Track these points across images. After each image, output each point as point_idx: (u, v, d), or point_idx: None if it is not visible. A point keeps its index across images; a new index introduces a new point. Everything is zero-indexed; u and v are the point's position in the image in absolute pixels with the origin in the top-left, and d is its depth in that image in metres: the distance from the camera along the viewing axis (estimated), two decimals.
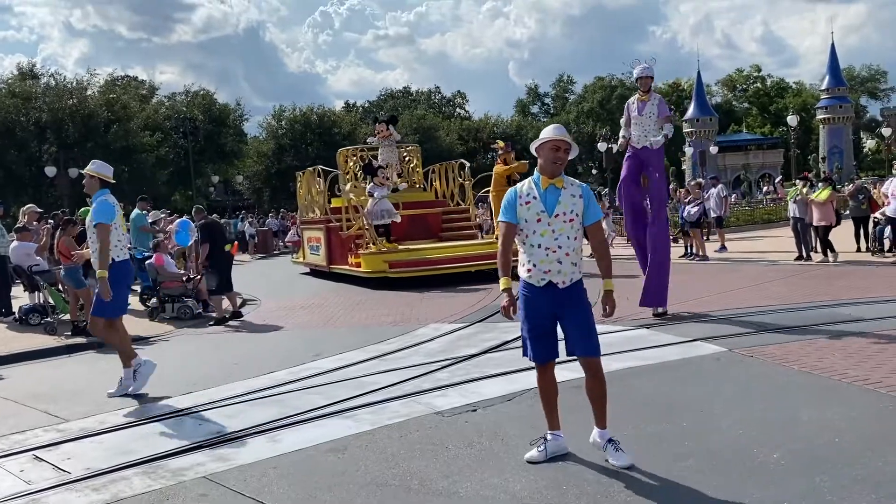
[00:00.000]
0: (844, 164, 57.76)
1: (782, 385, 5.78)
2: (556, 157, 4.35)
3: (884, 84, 78.80)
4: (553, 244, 4.31)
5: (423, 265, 14.84)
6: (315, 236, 18.18)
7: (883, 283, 10.85)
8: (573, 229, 4.35)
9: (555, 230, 4.31)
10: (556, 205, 4.32)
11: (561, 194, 4.35)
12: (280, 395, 6.43)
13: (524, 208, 4.38)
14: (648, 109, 9.25)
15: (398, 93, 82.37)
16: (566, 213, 4.33)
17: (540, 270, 4.34)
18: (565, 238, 4.32)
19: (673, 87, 78.01)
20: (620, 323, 8.87)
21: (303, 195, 19.54)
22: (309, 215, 18.94)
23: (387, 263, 14.69)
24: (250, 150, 57.80)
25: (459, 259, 14.99)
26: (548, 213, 4.32)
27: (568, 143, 4.38)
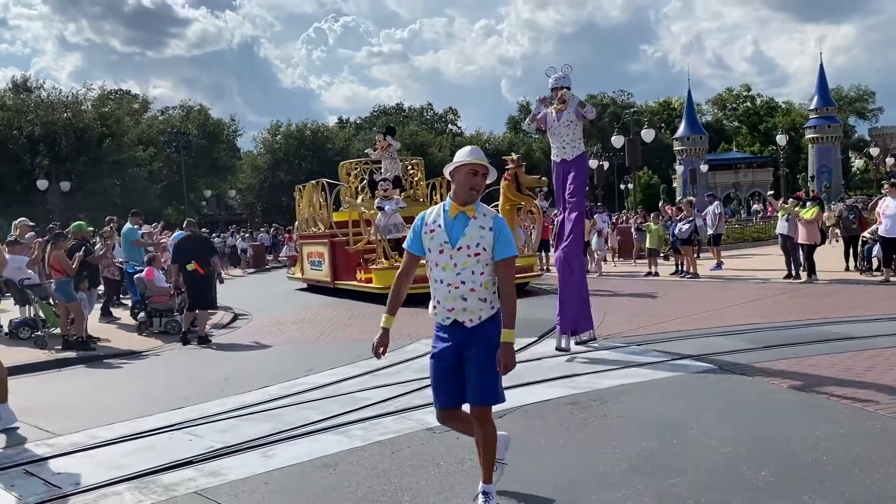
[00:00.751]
0: (833, 183, 58.31)
1: (771, 403, 5.82)
2: (473, 182, 3.88)
3: (872, 104, 79.79)
4: (455, 279, 3.83)
5: None
6: (317, 251, 17.79)
7: (871, 302, 10.95)
8: (479, 263, 3.82)
9: (457, 264, 3.83)
10: (461, 236, 3.83)
11: (469, 225, 3.85)
12: (272, 411, 6.43)
13: (428, 237, 3.92)
14: (566, 117, 8.59)
15: (391, 109, 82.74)
16: (471, 245, 3.82)
17: (444, 308, 3.90)
18: (469, 273, 3.82)
19: (664, 106, 78.69)
20: (612, 340, 8.95)
21: (303, 209, 19.20)
22: (310, 230, 18.57)
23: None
24: (244, 165, 57.88)
25: None
26: (451, 244, 3.83)
27: (486, 167, 3.93)
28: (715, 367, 7.10)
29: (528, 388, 6.66)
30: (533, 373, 7.31)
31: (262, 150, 58.35)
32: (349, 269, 16.08)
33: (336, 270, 16.65)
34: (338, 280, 16.53)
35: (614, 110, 69.75)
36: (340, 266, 16.51)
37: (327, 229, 17.05)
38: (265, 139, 58.64)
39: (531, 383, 6.84)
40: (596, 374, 7.10)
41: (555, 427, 5.51)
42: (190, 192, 50.79)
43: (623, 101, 75.51)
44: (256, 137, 61.03)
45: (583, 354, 8.14)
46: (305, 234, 18.94)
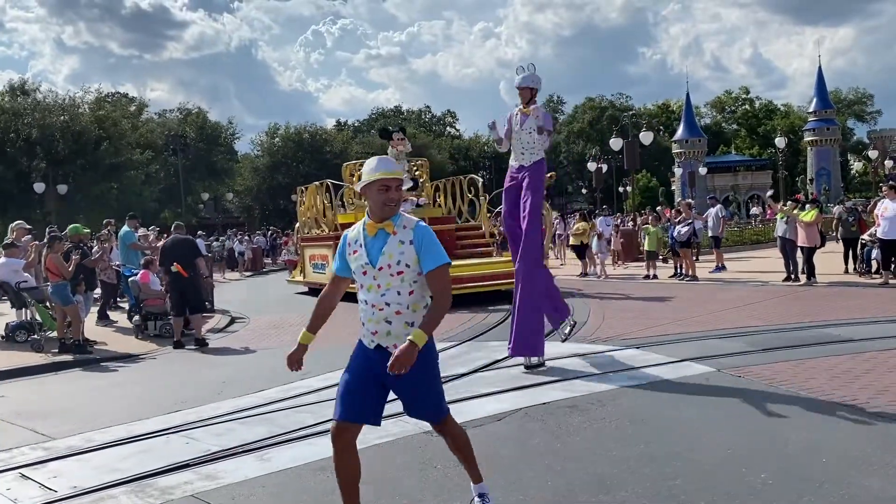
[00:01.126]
0: (832, 185, 58.33)
1: (770, 405, 5.80)
2: (387, 198, 3.58)
3: (870, 107, 79.94)
4: (379, 301, 3.60)
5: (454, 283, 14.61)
6: (321, 254, 17.45)
7: (870, 305, 10.94)
8: (404, 283, 3.57)
9: (381, 285, 3.59)
10: (381, 255, 3.58)
11: (388, 242, 3.58)
12: (269, 414, 6.41)
13: (353, 258, 3.71)
14: (529, 124, 7.97)
15: (389, 112, 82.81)
16: (392, 264, 3.56)
17: (368, 331, 3.69)
18: (394, 294, 3.57)
19: (662, 109, 78.75)
20: (611, 343, 8.93)
21: (305, 211, 18.89)
22: (312, 232, 18.32)
23: None
24: (241, 168, 57.89)
25: (490, 277, 14.50)
26: (372, 264, 3.60)
27: (398, 179, 3.63)
28: (714, 370, 7.08)
29: (525, 392, 6.65)
30: (531, 375, 7.30)
31: (260, 152, 58.39)
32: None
33: None
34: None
35: (613, 113, 69.84)
36: None
37: (332, 231, 16.76)
38: (263, 141, 58.68)
39: (528, 386, 6.82)
40: (594, 378, 7.07)
41: (553, 430, 5.49)
42: (187, 195, 50.80)
43: (621, 104, 75.57)
44: (254, 140, 61.13)
45: (581, 358, 8.11)
46: (308, 236, 18.59)
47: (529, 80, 8.10)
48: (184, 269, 10.81)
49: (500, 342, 9.37)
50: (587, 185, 60.35)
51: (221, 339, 11.61)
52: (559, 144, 72.33)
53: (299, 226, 19.65)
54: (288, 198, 51.85)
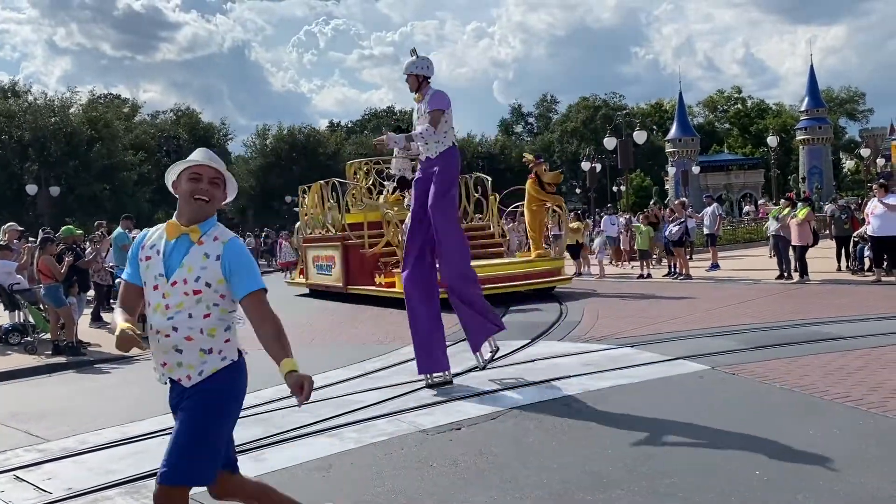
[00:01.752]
0: (824, 184, 58.51)
1: (764, 403, 5.83)
2: (196, 188, 2.98)
3: (862, 105, 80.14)
4: (165, 325, 2.95)
5: None
6: (326, 255, 16.87)
7: (862, 302, 10.99)
8: (201, 304, 2.94)
9: (170, 305, 2.94)
10: (178, 267, 2.95)
11: (190, 252, 2.96)
12: (265, 414, 6.39)
13: (144, 265, 3.05)
14: (423, 109, 7.16)
15: (382, 112, 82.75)
16: (188, 280, 2.93)
17: (157, 363, 3.05)
18: (185, 317, 2.94)
19: (655, 108, 78.94)
20: (605, 342, 8.95)
21: (307, 210, 18.29)
22: (315, 232, 17.74)
23: None
24: (235, 169, 57.80)
25: (505, 278, 14.12)
26: (166, 276, 2.96)
27: (218, 171, 3.05)
28: (708, 368, 7.10)
29: (520, 390, 6.66)
30: (525, 374, 7.31)
31: (253, 153, 58.31)
32: (364, 274, 15.19)
33: (349, 275, 15.72)
34: (351, 285, 15.63)
35: (606, 112, 69.92)
36: (354, 270, 15.58)
37: (340, 231, 16.14)
38: (255, 143, 58.63)
39: (523, 385, 6.84)
40: (588, 376, 7.09)
41: (548, 428, 5.50)
42: None
43: (615, 104, 75.69)
44: (246, 142, 61.05)
45: (575, 357, 8.12)
46: (311, 237, 17.95)
47: (413, 66, 7.23)
48: None
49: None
50: (581, 184, 60.43)
51: None
52: (552, 144, 72.43)
53: (300, 226, 19.14)
54: (282, 199, 51.83)
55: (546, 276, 14.53)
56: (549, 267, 14.88)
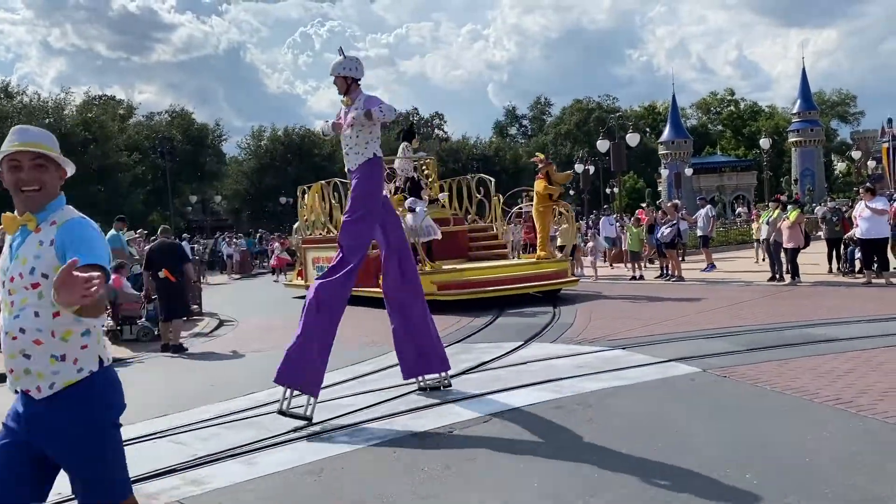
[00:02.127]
0: (816, 186, 58.74)
1: (755, 405, 5.85)
2: (20, 181, 2.64)
3: (853, 108, 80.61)
4: (12, 326, 2.60)
5: (476, 287, 13.60)
6: (327, 256, 16.52)
7: (852, 304, 11.04)
8: (44, 300, 2.54)
9: (14, 302, 2.61)
10: (14, 259, 2.65)
11: (26, 241, 2.64)
12: (257, 418, 6.39)
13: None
14: (351, 116, 6.60)
15: None
16: (24, 273, 2.59)
17: (7, 367, 2.66)
18: (31, 315, 2.57)
19: (648, 110, 79.14)
20: (597, 343, 8.96)
21: (308, 211, 17.91)
22: (315, 233, 17.51)
23: (435, 285, 13.14)
24: (229, 170, 57.71)
25: (513, 280, 14.00)
26: (7, 272, 2.66)
27: (46, 155, 2.66)
28: (700, 370, 7.12)
29: (512, 392, 6.66)
30: (518, 377, 7.31)
31: (247, 155, 58.20)
32: (367, 275, 15.01)
33: None
34: (354, 287, 15.94)
35: (599, 115, 70.12)
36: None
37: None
38: (249, 144, 58.51)
39: (516, 387, 6.83)
40: (581, 378, 7.10)
41: (540, 431, 5.51)
42: (175, 198, 50.60)
43: (608, 106, 75.89)
44: (240, 143, 60.93)
45: (568, 359, 8.14)
46: (311, 238, 17.63)
47: (340, 67, 6.61)
48: (171, 273, 10.73)
49: (488, 344, 9.40)
50: (574, 186, 60.49)
51: (209, 343, 11.57)
52: (546, 146, 72.49)
53: (299, 226, 18.83)
54: (276, 200, 51.74)
55: (552, 278, 14.32)
56: (554, 269, 14.68)
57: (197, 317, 14.44)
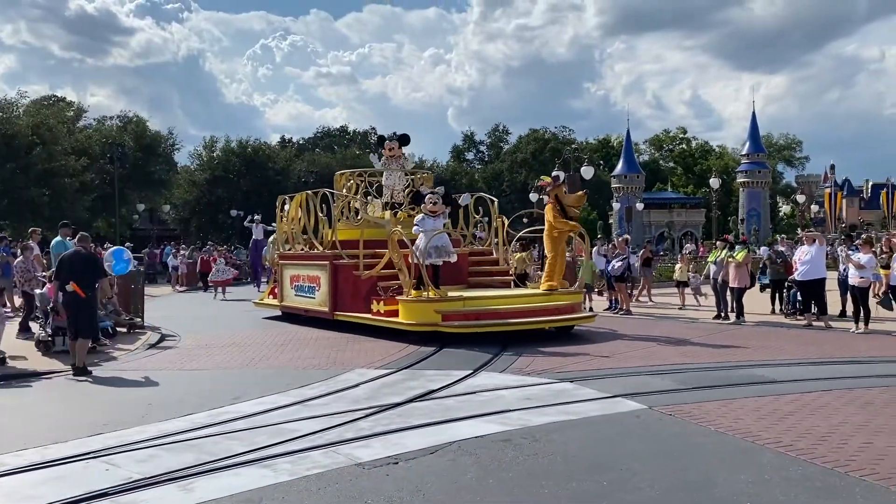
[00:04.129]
0: (762, 226, 60.44)
1: (699, 446, 5.91)
2: None
3: (799, 153, 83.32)
4: None
5: (484, 318, 12.10)
6: (309, 275, 15.01)
7: (794, 346, 11.30)
8: None
9: None
10: None
11: None
12: (196, 440, 6.20)
13: None
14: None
15: (335, 131, 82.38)
16: None
17: None
18: None
19: (603, 143, 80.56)
20: (545, 375, 8.98)
21: (289, 223, 16.38)
22: (296, 248, 15.94)
23: (439, 314, 11.89)
24: (180, 180, 56.65)
25: (524, 313, 12.47)
26: None
27: None
28: (645, 407, 7.18)
29: (460, 424, 6.61)
30: (466, 407, 7.27)
31: (199, 165, 57.31)
32: (357, 299, 13.48)
33: (338, 299, 13.97)
34: (339, 310, 13.88)
35: (555, 145, 70.97)
36: (345, 294, 13.86)
37: (329, 249, 14.34)
38: (202, 154, 57.64)
39: (463, 418, 6.79)
40: (529, 411, 7.09)
41: (486, 465, 5.46)
42: (122, 206, 49.41)
43: (564, 137, 76.93)
44: (192, 153, 59.95)
45: (516, 390, 8.13)
46: (289, 253, 16.11)
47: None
48: (82, 288, 9.80)
49: (436, 371, 9.34)
50: (529, 214, 61.05)
51: (149, 359, 11.23)
52: (502, 173, 73.16)
53: (276, 239, 17.41)
54: (227, 212, 50.93)
55: (566, 312, 12.83)
56: (569, 301, 13.18)
57: (139, 330, 14.03)
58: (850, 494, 4.71)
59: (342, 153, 64.59)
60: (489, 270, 15.28)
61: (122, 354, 11.48)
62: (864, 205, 67.65)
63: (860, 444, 5.80)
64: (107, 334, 12.56)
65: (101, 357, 11.05)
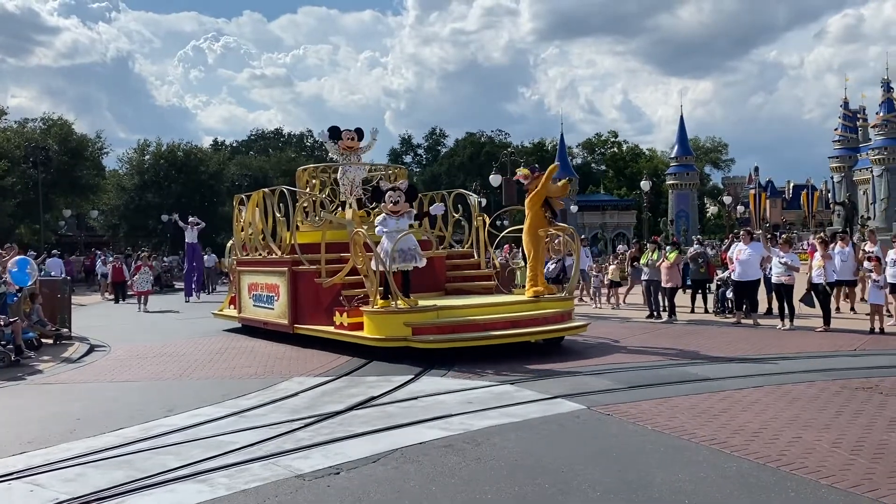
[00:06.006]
0: (690, 227, 62.20)
1: (637, 445, 6.00)
2: None
3: (725, 155, 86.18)
4: None
5: (461, 331, 10.60)
6: (268, 283, 13.57)
7: (724, 344, 11.62)
8: None
9: None
10: None
11: None
12: (127, 456, 5.97)
13: None
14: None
15: (270, 133, 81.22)
16: None
17: None
18: None
19: (538, 147, 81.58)
20: (486, 378, 9.00)
21: (243, 226, 14.98)
22: (253, 254, 14.41)
23: (409, 327, 10.43)
24: (108, 185, 54.84)
25: (508, 323, 10.96)
26: None
27: None
28: (584, 408, 7.27)
29: (402, 430, 6.56)
30: (407, 413, 7.23)
31: (129, 169, 55.63)
32: (318, 310, 12.13)
33: (298, 310, 12.62)
34: (300, 323, 12.53)
35: (490, 149, 71.57)
36: (306, 304, 12.50)
37: (288, 254, 12.86)
38: (132, 159, 55.97)
39: (405, 425, 6.74)
40: (470, 415, 7.09)
41: (428, 472, 5.43)
42: (47, 212, 47.55)
43: (500, 141, 77.65)
44: (122, 157, 58.12)
45: (458, 394, 8.12)
46: (247, 259, 14.67)
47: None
48: None
49: (377, 377, 9.26)
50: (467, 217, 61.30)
51: (77, 371, 10.80)
52: (440, 176, 73.32)
53: (234, 244, 15.99)
54: (158, 218, 49.55)
55: (555, 322, 11.43)
56: (558, 308, 11.70)
57: (66, 341, 13.50)
58: (782, 489, 4.85)
59: (277, 156, 63.83)
60: (470, 275, 13.83)
61: (48, 367, 11.02)
62: (787, 205, 70.33)
63: (790, 438, 5.99)
64: (31, 346, 12.07)
65: (26, 370, 10.59)
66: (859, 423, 6.44)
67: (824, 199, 65.41)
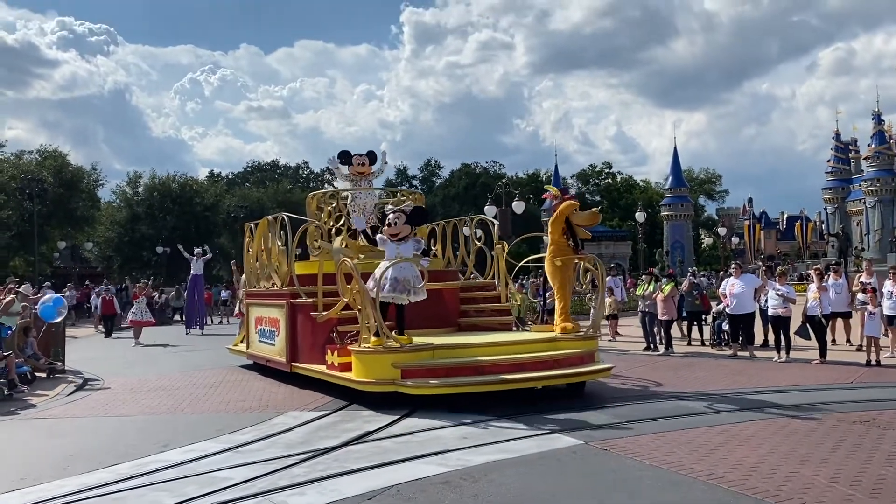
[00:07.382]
0: (686, 258, 62.39)
1: (635, 480, 5.97)
2: None
3: (719, 186, 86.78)
4: None
5: (458, 375, 9.37)
6: (270, 317, 12.53)
7: (721, 376, 11.61)
8: None
9: None
10: None
11: None
12: (121, 493, 5.92)
13: None
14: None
15: (266, 165, 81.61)
16: None
17: None
18: None
19: (532, 178, 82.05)
20: (482, 413, 8.94)
21: (253, 256, 13.96)
22: (261, 284, 13.45)
23: (398, 369, 9.24)
24: (103, 217, 54.92)
25: (515, 366, 9.64)
26: None
27: None
28: (582, 443, 7.23)
29: (398, 466, 6.52)
30: (404, 448, 7.18)
31: (120, 203, 55.79)
32: (315, 347, 11.02)
33: (295, 347, 11.51)
34: (296, 361, 11.44)
35: (486, 180, 72.00)
36: (303, 341, 11.40)
37: (287, 286, 11.83)
38: (122, 192, 56.18)
39: (402, 461, 6.70)
40: (467, 450, 7.05)
41: None
42: (42, 243, 47.51)
43: (495, 172, 78.19)
44: (115, 190, 58.25)
45: (454, 429, 8.08)
46: (253, 291, 13.82)
47: None
48: None
49: (372, 412, 9.19)
50: (488, 245, 61.35)
51: (71, 405, 10.71)
52: (435, 206, 73.58)
53: (246, 276, 14.98)
54: (152, 249, 49.54)
55: (575, 364, 10.02)
56: (578, 349, 10.23)
57: (60, 374, 13.41)
58: None
59: (274, 188, 64.04)
60: (487, 309, 12.44)
61: (42, 401, 10.94)
62: (781, 236, 70.63)
63: (787, 473, 5.97)
64: (25, 380, 12.00)
65: (19, 405, 10.52)
66: (857, 457, 6.42)
67: (818, 230, 65.73)
